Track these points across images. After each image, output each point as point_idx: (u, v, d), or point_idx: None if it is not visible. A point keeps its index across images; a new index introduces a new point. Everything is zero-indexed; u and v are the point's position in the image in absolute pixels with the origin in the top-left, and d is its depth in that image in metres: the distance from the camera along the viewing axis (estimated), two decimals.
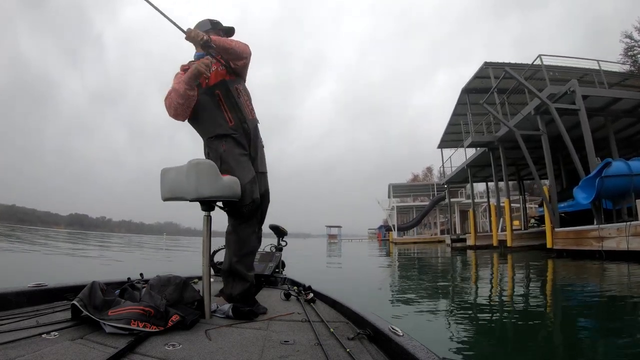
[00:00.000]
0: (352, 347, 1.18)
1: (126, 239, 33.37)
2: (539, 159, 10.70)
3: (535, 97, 9.82)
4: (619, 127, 11.36)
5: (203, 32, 1.77)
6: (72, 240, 21.96)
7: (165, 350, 1.09)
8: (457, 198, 29.52)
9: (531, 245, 11.64)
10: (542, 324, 2.99)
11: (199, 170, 1.47)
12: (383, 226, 42.09)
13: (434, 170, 53.73)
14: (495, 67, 13.39)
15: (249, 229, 1.77)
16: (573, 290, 4.85)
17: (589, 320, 3.15)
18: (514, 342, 2.57)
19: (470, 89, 15.47)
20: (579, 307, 3.69)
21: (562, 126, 8.45)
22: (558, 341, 2.54)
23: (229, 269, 1.74)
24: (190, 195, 1.48)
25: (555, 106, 8.59)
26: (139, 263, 8.76)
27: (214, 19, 1.97)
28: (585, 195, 7.69)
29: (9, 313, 1.33)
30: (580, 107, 8.64)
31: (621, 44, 22.17)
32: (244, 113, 1.83)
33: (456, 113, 17.51)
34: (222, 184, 1.52)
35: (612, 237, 7.33)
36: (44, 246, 14.00)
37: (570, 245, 8.60)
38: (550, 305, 3.83)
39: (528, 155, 9.88)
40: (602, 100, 10.01)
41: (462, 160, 18.00)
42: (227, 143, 1.75)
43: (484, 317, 3.41)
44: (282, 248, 2.92)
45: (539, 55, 10.00)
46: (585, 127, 8.47)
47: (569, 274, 6.52)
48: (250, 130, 1.85)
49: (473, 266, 8.71)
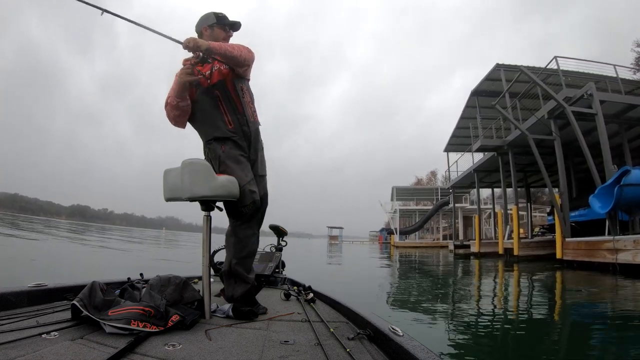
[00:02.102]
0: (352, 347, 1.17)
1: (127, 232, 33.28)
2: (548, 166, 10.33)
3: (549, 101, 9.47)
4: (630, 136, 10.96)
5: (207, 25, 1.79)
6: (66, 236, 21.73)
7: (165, 350, 1.08)
8: (460, 203, 29.06)
9: (538, 255, 11.23)
10: (545, 334, 2.90)
11: (192, 170, 1.48)
12: (385, 229, 41.77)
13: (438, 174, 53.46)
14: (507, 70, 13.00)
15: (249, 231, 1.74)
16: (582, 303, 4.59)
17: (597, 337, 2.92)
18: (514, 349, 2.53)
19: (480, 92, 15.08)
20: (586, 322, 3.48)
21: (578, 130, 8.06)
22: (560, 348, 2.48)
23: (229, 271, 1.71)
24: (185, 195, 1.48)
25: (571, 109, 8.19)
26: (138, 262, 8.53)
27: (220, 12, 1.84)
28: (601, 204, 7.29)
29: (9, 313, 1.33)
30: (598, 111, 8.24)
31: (632, 53, 21.81)
32: (246, 114, 1.78)
33: (464, 116, 17.12)
34: (216, 183, 1.50)
35: (627, 249, 6.92)
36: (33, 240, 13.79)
37: (582, 256, 8.20)
38: (556, 317, 3.67)
39: (540, 160, 9.49)
40: (617, 106, 9.61)
41: (468, 165, 17.61)
42: (226, 145, 1.71)
43: (486, 322, 3.34)
44: (282, 248, 2.91)
45: (554, 57, 9.62)
46: (602, 132, 8.07)
47: (579, 286, 6.21)
48: (250, 133, 1.80)
49: (477, 274, 8.36)
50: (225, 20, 1.85)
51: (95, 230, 32.70)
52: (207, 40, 1.71)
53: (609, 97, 9.25)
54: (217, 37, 1.81)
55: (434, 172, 56.41)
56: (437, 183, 45.02)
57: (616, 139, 10.31)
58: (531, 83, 10.05)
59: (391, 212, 36.08)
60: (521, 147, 12.05)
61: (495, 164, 13.74)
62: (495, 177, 16.97)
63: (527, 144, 11.22)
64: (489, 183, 18.64)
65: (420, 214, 35.04)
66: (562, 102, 8.21)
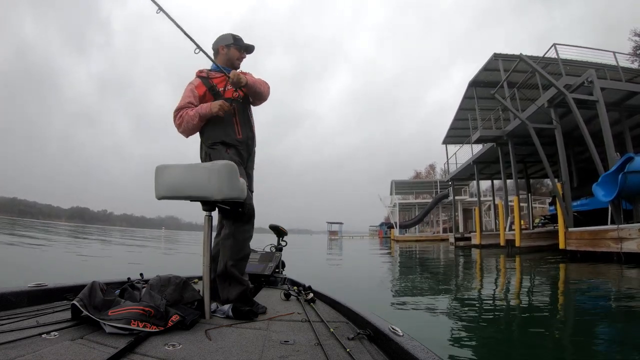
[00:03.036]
0: (352, 347, 1.17)
1: (127, 232, 33.15)
2: (548, 156, 10.19)
3: (548, 90, 9.31)
4: (631, 124, 10.82)
5: (224, 45, 1.96)
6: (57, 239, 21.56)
7: (165, 350, 1.08)
8: (460, 196, 28.95)
9: (540, 246, 11.13)
10: (550, 332, 2.83)
11: (228, 171, 1.47)
12: (384, 223, 41.72)
13: (437, 167, 53.38)
14: (505, 59, 12.80)
15: (247, 234, 1.78)
16: (588, 294, 4.48)
17: (605, 331, 2.81)
18: (517, 346, 2.51)
19: (477, 82, 14.88)
20: (591, 313, 3.40)
21: (580, 117, 7.89)
22: (564, 348, 2.41)
23: (225, 272, 1.71)
24: (215, 196, 1.46)
25: (572, 96, 8.02)
26: (135, 263, 8.49)
27: (237, 34, 2.01)
28: (605, 192, 7.15)
29: (9, 313, 1.33)
30: (599, 98, 8.07)
31: (630, 42, 21.61)
32: (252, 131, 1.97)
33: (462, 107, 16.93)
34: (240, 185, 1.52)
35: (632, 238, 6.80)
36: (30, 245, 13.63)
37: (585, 246, 8.08)
38: (562, 313, 3.56)
39: (541, 149, 9.32)
40: (617, 94, 9.46)
41: (466, 157, 17.45)
42: (231, 150, 1.82)
43: (488, 320, 3.30)
44: (282, 248, 2.91)
45: (553, 44, 9.43)
46: (603, 119, 7.90)
47: (584, 277, 6.09)
48: (252, 150, 1.97)
49: (478, 267, 8.25)
50: (241, 42, 2.01)
51: (97, 232, 32.52)
52: (222, 58, 1.97)
53: (610, 85, 9.10)
54: (232, 56, 1.98)
55: (432, 165, 56.40)
56: (436, 176, 44.89)
57: (617, 128, 10.13)
58: (530, 72, 9.88)
59: (390, 206, 36.00)
60: (521, 137, 11.89)
61: (495, 154, 13.58)
62: (495, 169, 16.84)
63: (527, 134, 11.07)
64: (489, 175, 18.50)
65: (420, 208, 34.96)
66: (563, 89, 8.04)
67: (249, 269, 2.08)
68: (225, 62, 1.96)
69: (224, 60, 1.96)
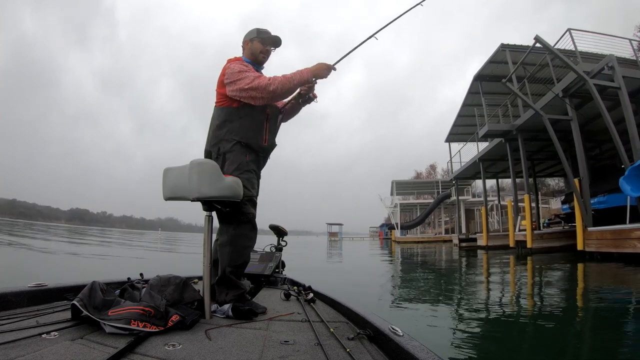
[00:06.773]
0: (352, 347, 1.16)
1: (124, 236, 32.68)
2: (555, 154, 9.48)
3: (562, 79, 8.63)
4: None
5: (249, 39, 1.92)
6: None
7: (165, 350, 1.07)
8: (462, 196, 28.23)
9: (553, 247, 10.42)
10: (559, 333, 2.70)
11: (201, 170, 1.45)
12: (385, 224, 41.06)
13: (438, 167, 52.73)
14: (513, 50, 12.14)
15: (248, 243, 1.76)
16: (607, 296, 4.11)
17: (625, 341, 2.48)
18: (517, 346, 2.45)
19: (483, 76, 14.22)
20: (609, 316, 3.14)
21: (602, 104, 7.18)
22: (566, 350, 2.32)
23: (223, 278, 1.69)
24: (192, 195, 1.45)
25: (593, 82, 7.33)
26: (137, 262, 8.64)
27: (263, 28, 1.94)
28: (631, 187, 6.46)
29: (9, 313, 1.32)
30: (620, 85, 7.38)
31: (635, 37, 21.01)
32: (275, 140, 1.96)
33: (466, 103, 16.27)
34: (223, 184, 1.49)
35: None
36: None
37: (607, 247, 7.39)
38: (576, 316, 3.34)
39: (557, 142, 8.62)
40: (636, 83, 8.77)
41: (470, 156, 16.72)
42: (251, 156, 1.79)
43: (489, 320, 3.23)
44: (282, 248, 2.91)
45: (568, 29, 8.74)
46: (626, 106, 7.20)
47: (608, 280, 5.51)
48: (267, 158, 1.96)
49: (485, 269, 7.56)
50: (264, 34, 1.92)
51: (95, 234, 31.95)
52: (247, 52, 1.93)
53: (630, 73, 8.40)
54: (255, 50, 1.91)
55: (433, 165, 55.76)
56: (437, 177, 44.21)
57: (635, 119, 9.49)
58: (539, 64, 9.21)
59: (391, 206, 35.29)
60: (531, 132, 11.20)
61: (502, 151, 12.86)
62: (501, 167, 16.13)
63: (538, 128, 10.39)
64: (494, 173, 17.76)
65: (421, 208, 34.28)
66: (583, 74, 7.32)
67: (249, 269, 2.15)
68: (249, 56, 1.91)
69: (248, 54, 1.92)
